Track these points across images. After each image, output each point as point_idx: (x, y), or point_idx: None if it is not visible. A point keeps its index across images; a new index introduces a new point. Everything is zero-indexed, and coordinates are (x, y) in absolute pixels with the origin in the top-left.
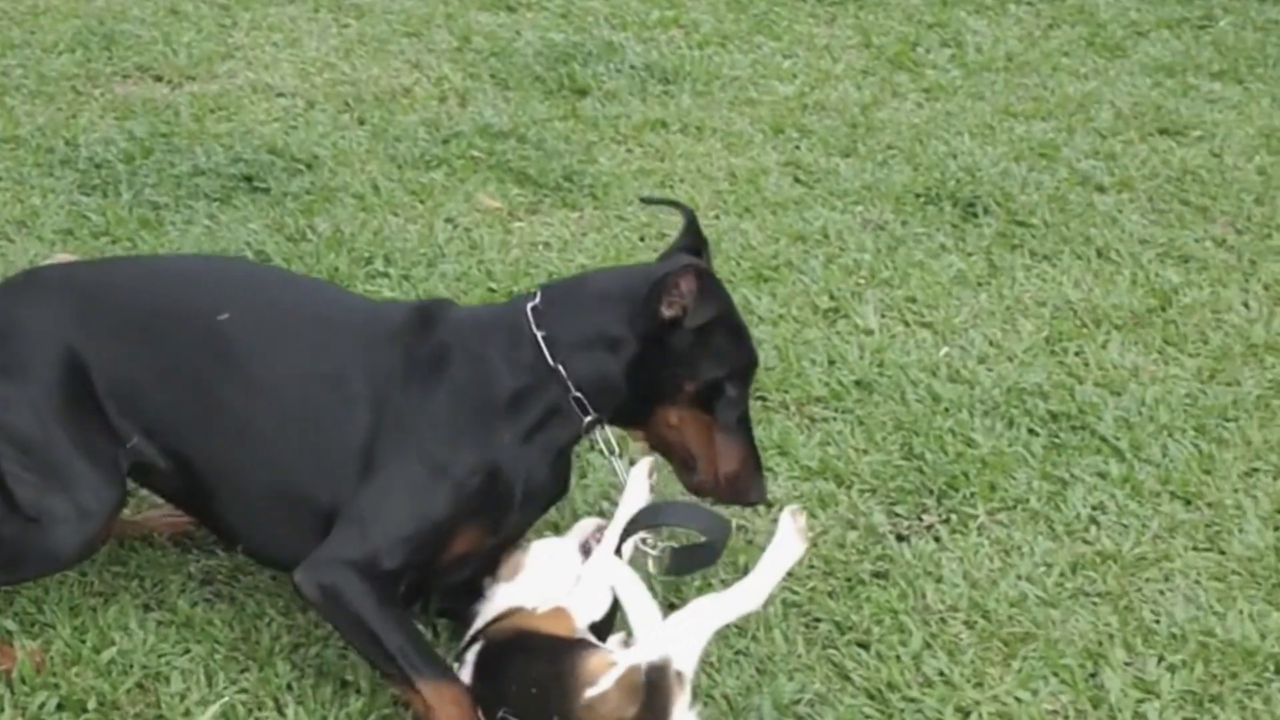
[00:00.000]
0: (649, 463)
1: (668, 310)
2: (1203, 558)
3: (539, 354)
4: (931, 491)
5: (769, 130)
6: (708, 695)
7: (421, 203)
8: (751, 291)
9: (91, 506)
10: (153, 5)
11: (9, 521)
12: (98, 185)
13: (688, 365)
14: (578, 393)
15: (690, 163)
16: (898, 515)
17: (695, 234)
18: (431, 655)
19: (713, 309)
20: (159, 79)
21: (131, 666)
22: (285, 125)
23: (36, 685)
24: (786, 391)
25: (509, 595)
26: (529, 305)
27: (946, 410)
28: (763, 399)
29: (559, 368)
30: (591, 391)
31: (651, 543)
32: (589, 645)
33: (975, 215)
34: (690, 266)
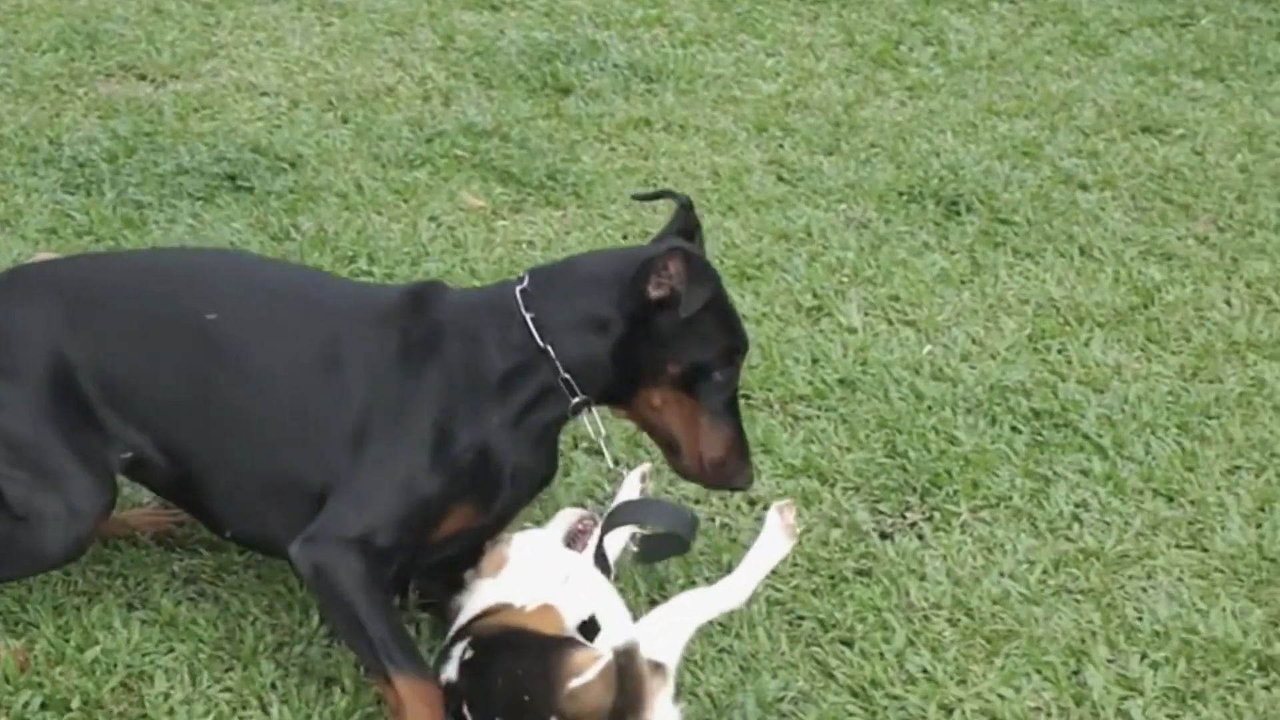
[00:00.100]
0: (643, 470)
1: (655, 291)
2: (1185, 555)
3: (528, 335)
4: (915, 489)
5: (752, 128)
6: (691, 693)
7: (405, 201)
8: (735, 290)
9: (81, 506)
10: (136, 4)
11: None
12: (81, 184)
13: (673, 347)
14: (566, 373)
15: (674, 161)
16: (881, 513)
17: (688, 220)
18: (410, 650)
19: (703, 293)
20: (143, 78)
21: (115, 666)
22: (269, 124)
23: (20, 684)
24: (770, 390)
25: (494, 591)
26: (518, 288)
27: (930, 408)
28: (746, 397)
29: (548, 348)
30: (579, 372)
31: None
32: (576, 642)
33: (958, 213)
34: (678, 248)
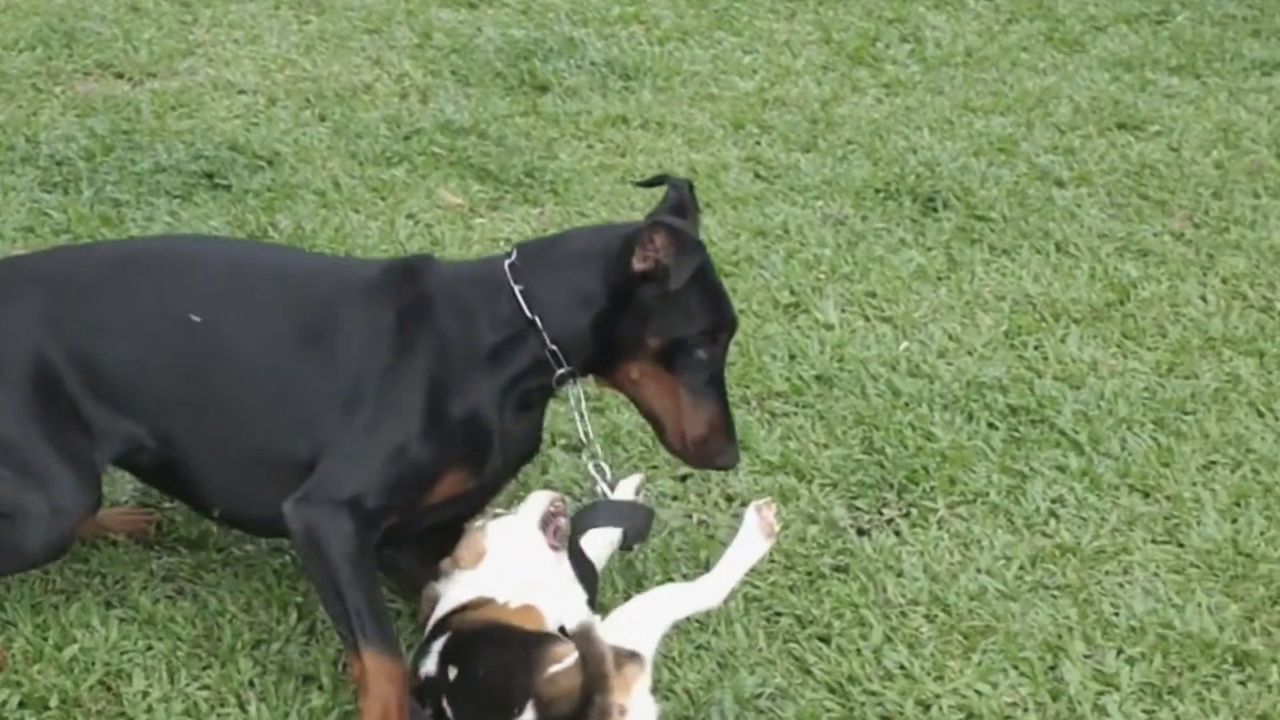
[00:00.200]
0: (637, 480)
1: (639, 264)
2: (1161, 550)
3: (517, 307)
4: (892, 485)
5: (729, 126)
6: (669, 689)
7: (383, 199)
8: None
9: (65, 505)
10: (113, 2)
11: None
12: (59, 182)
13: (654, 321)
14: (553, 345)
15: (651, 158)
16: (858, 509)
17: (680, 199)
18: (384, 625)
19: (688, 266)
20: (120, 76)
21: (93, 664)
22: (246, 122)
23: None
24: (747, 387)
25: (475, 584)
26: (506, 262)
27: (906, 404)
28: None
29: (536, 320)
30: (565, 344)
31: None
32: (556, 637)
33: (935, 210)
34: (664, 222)
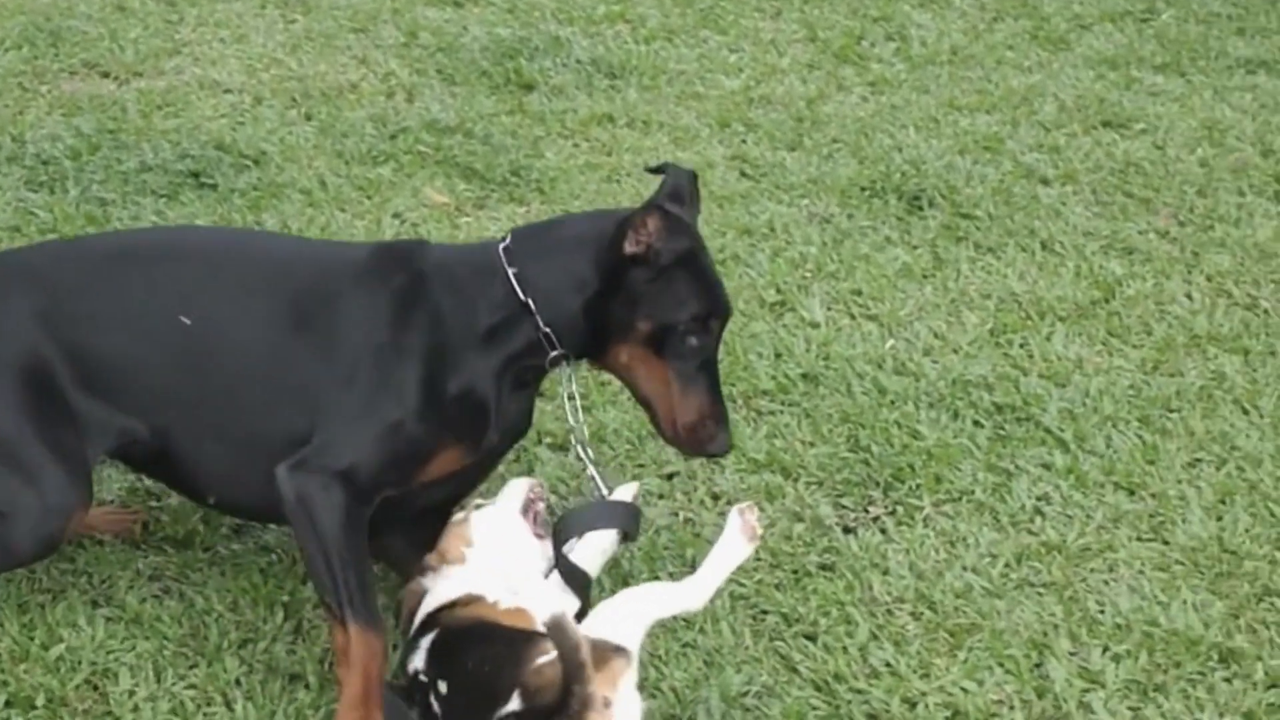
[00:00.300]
0: (634, 488)
1: (630, 247)
2: (1146, 548)
3: (510, 290)
4: (877, 483)
5: (715, 124)
6: (655, 687)
7: (369, 198)
8: None
9: (57, 503)
10: (99, 2)
11: None
12: (44, 182)
13: (644, 305)
14: (546, 328)
15: (637, 157)
16: (844, 507)
17: (678, 186)
18: (370, 599)
19: (677, 247)
20: (106, 75)
21: (80, 663)
22: (232, 121)
23: None
24: (733, 385)
25: (464, 579)
26: (501, 245)
27: (892, 402)
28: None
29: (529, 302)
30: (558, 327)
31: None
32: (544, 634)
33: (920, 208)
34: (657, 206)
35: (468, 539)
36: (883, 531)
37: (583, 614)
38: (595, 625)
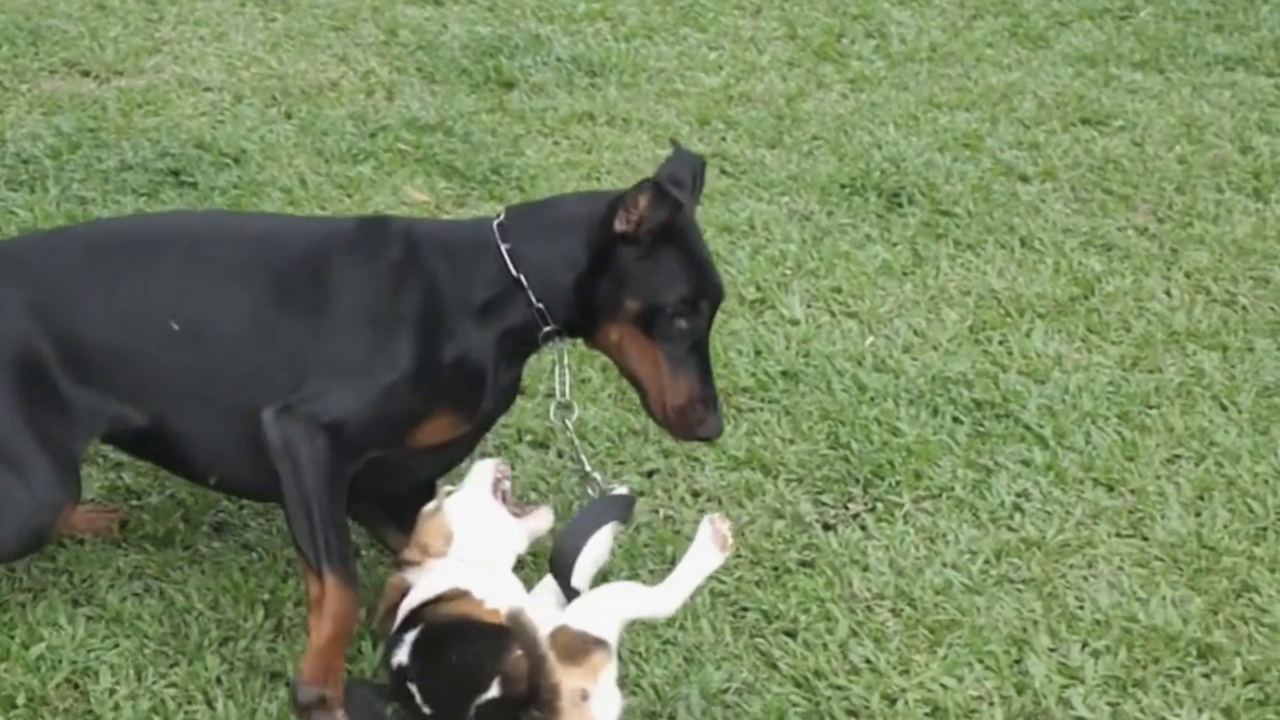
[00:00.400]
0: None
1: (620, 225)
2: (1126, 544)
3: (503, 266)
4: (857, 480)
5: (695, 122)
6: (635, 684)
7: (349, 196)
8: None
9: (47, 497)
10: (79, 0)
11: None
12: (25, 181)
13: (632, 284)
14: (539, 304)
15: (617, 154)
16: (824, 504)
17: (677, 169)
18: (348, 555)
19: (659, 218)
20: (86, 74)
21: (60, 662)
22: (212, 119)
23: None
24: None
25: (449, 573)
26: (495, 221)
27: (872, 399)
28: None
29: (521, 278)
30: (549, 303)
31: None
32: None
33: (900, 205)
34: (651, 183)
35: (446, 529)
36: (863, 528)
37: None
38: (575, 618)
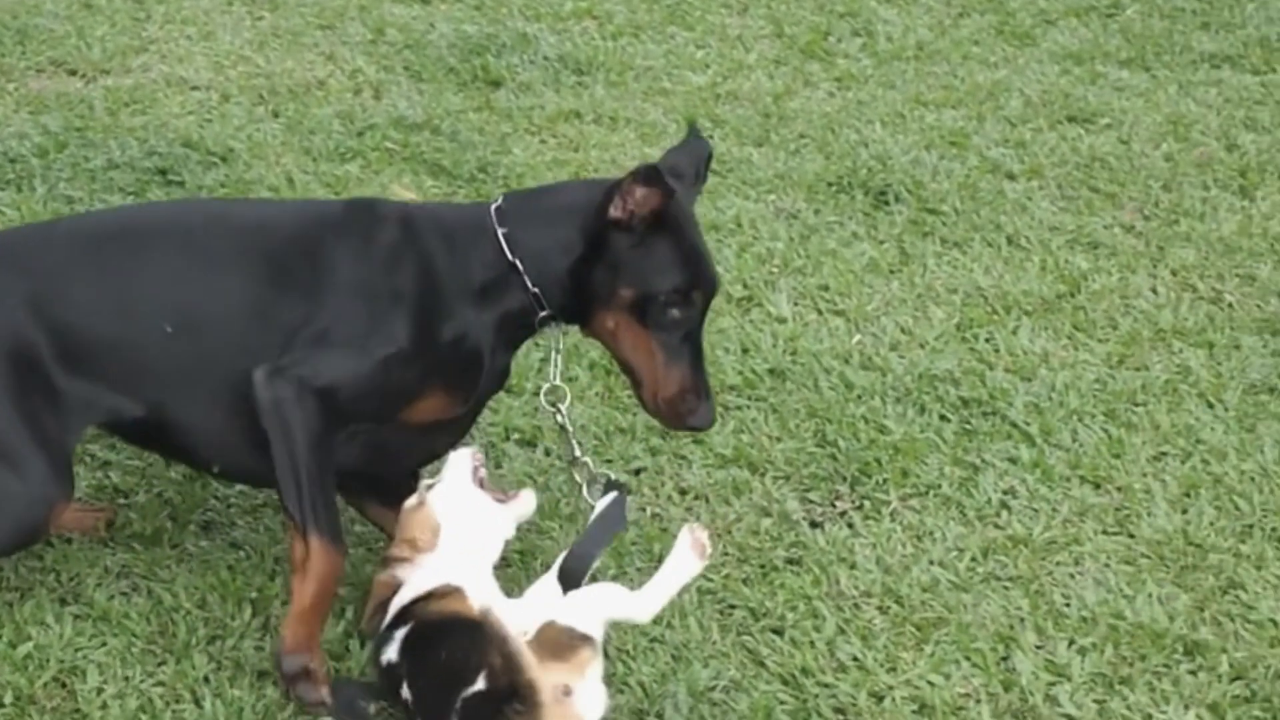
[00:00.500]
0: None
1: (614, 211)
2: (1112, 541)
3: (499, 250)
4: (844, 478)
5: (682, 120)
6: (623, 682)
7: (337, 194)
8: None
9: (42, 493)
10: None
11: None
12: (11, 180)
13: (625, 271)
14: (535, 288)
15: (604, 153)
16: (811, 502)
17: (676, 162)
18: (334, 518)
19: (650, 201)
20: (73, 73)
21: (48, 661)
22: (200, 118)
23: None
24: None
25: (439, 568)
26: (493, 206)
27: (859, 397)
28: None
29: (517, 263)
30: (545, 288)
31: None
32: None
33: (887, 203)
34: (646, 169)
35: (433, 522)
36: (850, 526)
37: None
38: (562, 614)
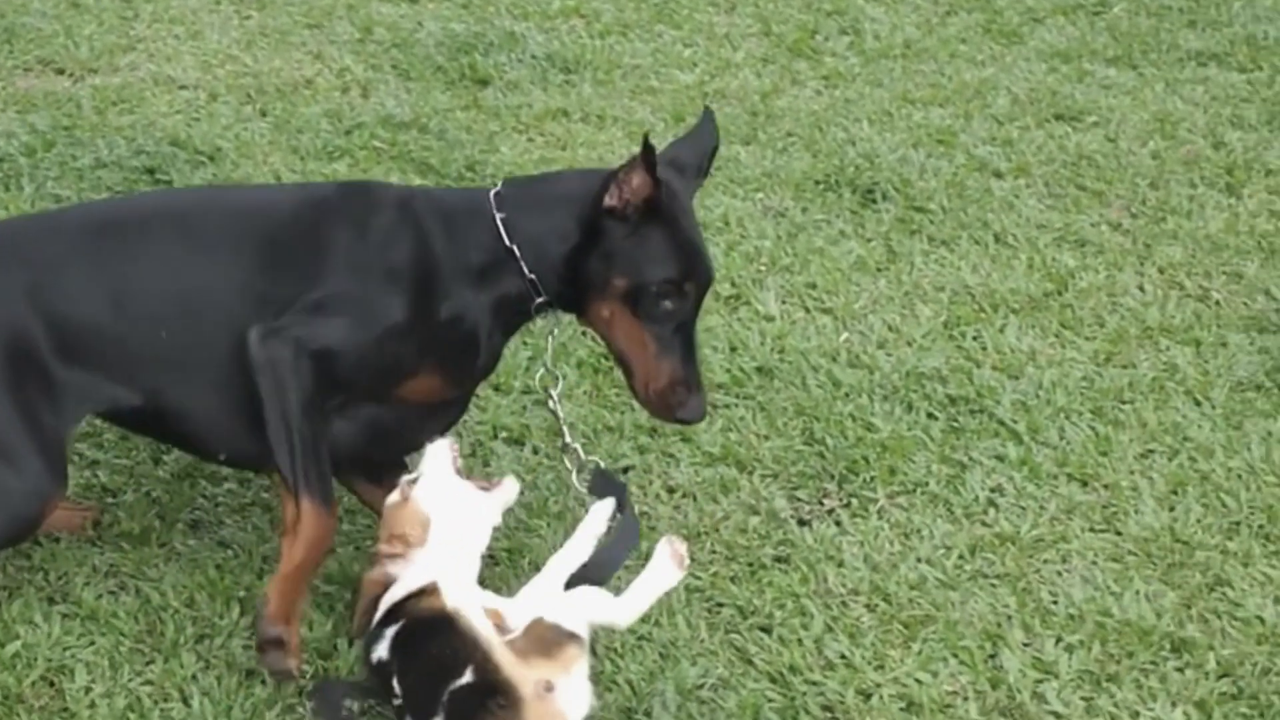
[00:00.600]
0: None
1: (610, 200)
2: (1099, 539)
3: (497, 235)
4: (832, 476)
5: (670, 119)
6: (610, 680)
7: None
8: None
9: (37, 486)
10: None
11: None
12: None
13: (620, 262)
14: (531, 274)
15: (592, 151)
16: (799, 500)
17: (677, 155)
18: (326, 481)
19: (642, 189)
20: (61, 72)
21: (36, 660)
22: (188, 117)
23: None
24: None
25: (430, 564)
26: (492, 191)
27: (846, 395)
28: None
29: (514, 248)
30: (541, 275)
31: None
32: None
33: (874, 201)
34: (644, 160)
35: (421, 516)
36: (837, 524)
37: None
38: (548, 612)
